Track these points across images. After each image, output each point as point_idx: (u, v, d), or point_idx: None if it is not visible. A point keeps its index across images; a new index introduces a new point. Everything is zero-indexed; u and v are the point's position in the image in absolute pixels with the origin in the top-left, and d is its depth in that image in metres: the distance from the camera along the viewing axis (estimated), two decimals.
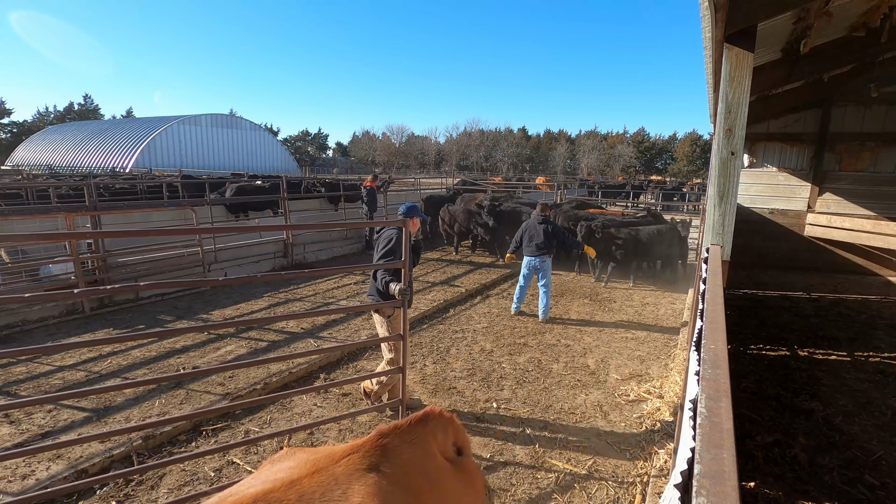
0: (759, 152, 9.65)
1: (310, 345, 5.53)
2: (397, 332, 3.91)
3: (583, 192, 26.47)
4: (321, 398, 4.39)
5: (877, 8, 4.93)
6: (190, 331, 2.88)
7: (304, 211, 12.52)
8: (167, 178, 19.31)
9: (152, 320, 6.31)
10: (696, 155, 63.25)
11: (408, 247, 3.36)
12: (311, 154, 75.31)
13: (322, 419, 4.00)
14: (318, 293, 7.77)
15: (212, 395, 4.29)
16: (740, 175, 3.78)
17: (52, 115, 61.79)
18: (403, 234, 3.37)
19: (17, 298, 1.97)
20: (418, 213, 4.19)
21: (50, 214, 8.01)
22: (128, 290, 4.27)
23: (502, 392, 4.57)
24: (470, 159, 73.67)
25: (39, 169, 36.56)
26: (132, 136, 41.26)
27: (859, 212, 8.88)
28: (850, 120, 8.88)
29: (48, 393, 4.27)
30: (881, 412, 4.21)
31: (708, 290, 2.44)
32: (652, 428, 3.98)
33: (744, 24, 2.93)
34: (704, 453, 1.09)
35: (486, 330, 6.28)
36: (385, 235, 4.06)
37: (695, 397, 1.41)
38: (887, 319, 6.75)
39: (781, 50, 5.72)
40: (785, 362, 5.26)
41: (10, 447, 3.48)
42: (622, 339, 6.10)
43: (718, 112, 3.18)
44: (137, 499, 3.03)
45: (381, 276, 3.82)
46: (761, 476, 3.30)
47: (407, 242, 3.36)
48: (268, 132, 53.60)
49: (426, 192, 16.03)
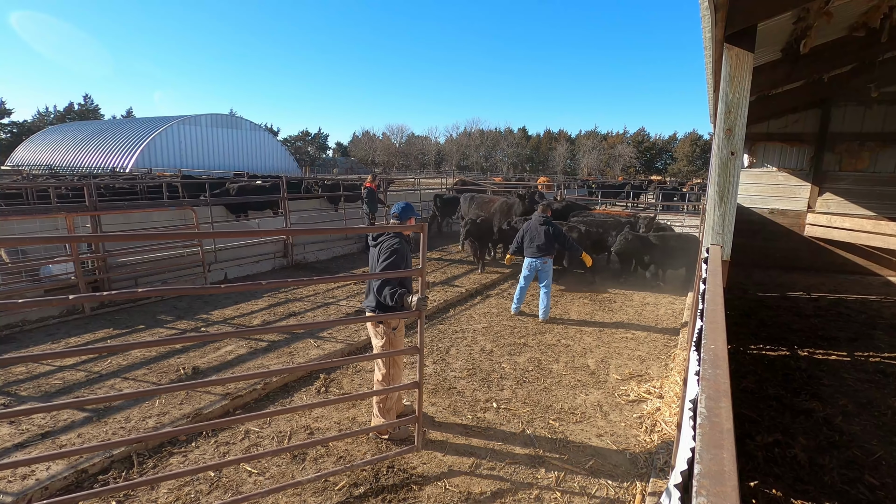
0: (759, 152, 9.65)
1: (309, 345, 5.53)
2: (397, 346, 3.72)
3: (583, 192, 26.47)
4: (321, 398, 4.39)
5: (877, 8, 4.93)
6: (191, 339, 2.89)
7: (305, 211, 12.52)
8: (167, 178, 19.33)
9: (152, 320, 6.31)
10: (696, 155, 63.29)
11: (424, 253, 3.03)
12: (311, 154, 75.38)
13: (322, 419, 4.01)
14: (318, 293, 7.77)
15: (212, 395, 4.29)
16: (740, 175, 3.77)
17: (52, 116, 61.84)
18: (422, 240, 3.02)
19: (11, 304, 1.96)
20: (413, 213, 3.90)
21: (50, 214, 8.02)
22: (123, 297, 4.25)
23: (502, 392, 4.57)
24: (470, 159, 73.68)
25: (39, 169, 36.58)
26: (132, 136, 41.29)
27: (859, 212, 8.88)
28: (850, 120, 8.88)
29: (48, 393, 4.27)
30: (881, 412, 4.21)
31: (708, 290, 2.43)
32: (652, 428, 3.98)
33: (744, 24, 2.93)
34: (704, 453, 1.09)
35: (486, 330, 6.27)
36: (387, 245, 3.59)
37: (695, 397, 1.41)
38: (887, 319, 6.75)
39: (781, 50, 5.72)
40: (785, 362, 5.26)
41: (10, 447, 3.48)
42: (622, 339, 6.10)
43: (718, 112, 3.18)
44: (137, 499, 3.03)
45: (388, 291, 3.40)
46: (761, 476, 3.30)
47: (424, 248, 3.03)
48: (268, 132, 53.63)
49: (434, 192, 16.00)
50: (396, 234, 3.64)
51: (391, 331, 3.66)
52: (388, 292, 3.39)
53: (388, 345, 3.67)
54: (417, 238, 3.62)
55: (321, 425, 3.92)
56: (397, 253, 3.54)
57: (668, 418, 4.07)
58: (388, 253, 3.53)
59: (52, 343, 5.42)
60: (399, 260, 3.54)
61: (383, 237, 3.65)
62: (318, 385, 4.60)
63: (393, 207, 3.82)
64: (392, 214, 3.81)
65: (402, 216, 3.76)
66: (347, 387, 4.60)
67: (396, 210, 3.80)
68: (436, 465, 3.46)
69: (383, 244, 3.61)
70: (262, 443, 3.66)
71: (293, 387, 4.58)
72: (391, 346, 3.68)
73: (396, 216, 3.79)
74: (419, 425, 3.43)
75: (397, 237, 3.61)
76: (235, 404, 4.19)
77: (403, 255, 3.59)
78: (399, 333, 3.76)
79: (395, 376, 3.75)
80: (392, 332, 3.67)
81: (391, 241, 3.59)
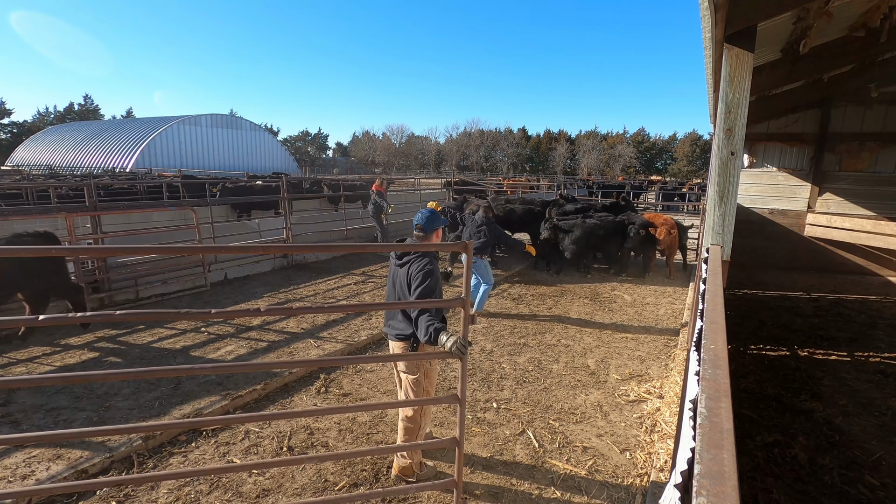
0: (759, 152, 9.64)
1: (309, 345, 5.53)
2: (431, 378, 3.21)
3: (582, 192, 26.49)
4: (321, 398, 4.39)
5: (877, 8, 4.93)
6: (199, 372, 2.89)
7: (305, 211, 12.53)
8: (167, 178, 19.34)
9: (152, 320, 6.31)
10: (696, 155, 63.30)
11: (469, 280, 2.35)
12: (311, 154, 75.41)
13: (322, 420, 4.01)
14: (318, 293, 7.77)
15: (212, 395, 4.29)
16: (740, 175, 3.78)
17: (52, 116, 61.82)
18: (465, 263, 2.31)
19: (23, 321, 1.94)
20: (441, 222, 3.24)
21: (50, 215, 8.02)
22: (110, 320, 4.24)
23: (502, 392, 4.57)
24: (470, 159, 73.67)
25: (39, 169, 36.59)
26: (132, 136, 41.28)
27: (859, 212, 8.88)
28: (850, 120, 8.87)
29: (47, 394, 4.27)
30: (881, 412, 4.21)
31: (708, 290, 2.44)
32: (652, 428, 3.98)
33: (744, 24, 2.93)
34: (704, 453, 1.09)
35: (486, 330, 6.27)
36: (418, 266, 2.99)
37: (695, 397, 1.41)
38: (887, 319, 6.75)
39: (781, 50, 5.71)
40: (785, 362, 5.26)
41: (10, 447, 3.48)
42: (622, 339, 6.10)
43: (718, 112, 3.18)
44: (137, 499, 3.03)
45: (424, 322, 2.80)
46: (761, 476, 3.30)
47: (469, 275, 2.33)
48: (268, 132, 53.60)
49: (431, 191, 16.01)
50: (431, 256, 3.09)
51: (427, 362, 3.17)
52: (425, 324, 2.79)
53: (423, 377, 3.13)
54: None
55: (321, 425, 3.92)
56: (432, 276, 2.97)
57: (668, 418, 4.07)
58: (422, 277, 2.95)
59: (53, 343, 5.42)
60: (434, 283, 2.99)
61: (411, 256, 3.07)
62: (318, 385, 4.60)
63: (416, 216, 3.24)
64: (415, 226, 3.22)
65: (427, 227, 3.18)
66: (347, 387, 4.60)
67: (420, 220, 3.19)
68: (435, 465, 3.46)
69: (412, 264, 3.03)
70: (263, 443, 3.66)
71: (293, 387, 4.58)
72: (427, 378, 3.16)
73: (420, 228, 3.18)
74: (458, 491, 2.65)
75: (427, 255, 3.05)
76: (235, 404, 4.19)
77: (437, 277, 3.07)
78: (434, 364, 3.27)
79: (427, 413, 3.32)
80: (429, 362, 3.20)
81: (422, 262, 3.01)
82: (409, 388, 3.16)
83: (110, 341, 5.56)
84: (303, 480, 3.25)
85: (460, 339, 2.48)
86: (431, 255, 3.10)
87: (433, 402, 3.21)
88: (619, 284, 8.85)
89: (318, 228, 11.76)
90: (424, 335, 2.78)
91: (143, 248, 2.01)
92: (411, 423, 3.18)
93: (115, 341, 5.57)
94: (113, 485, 2.98)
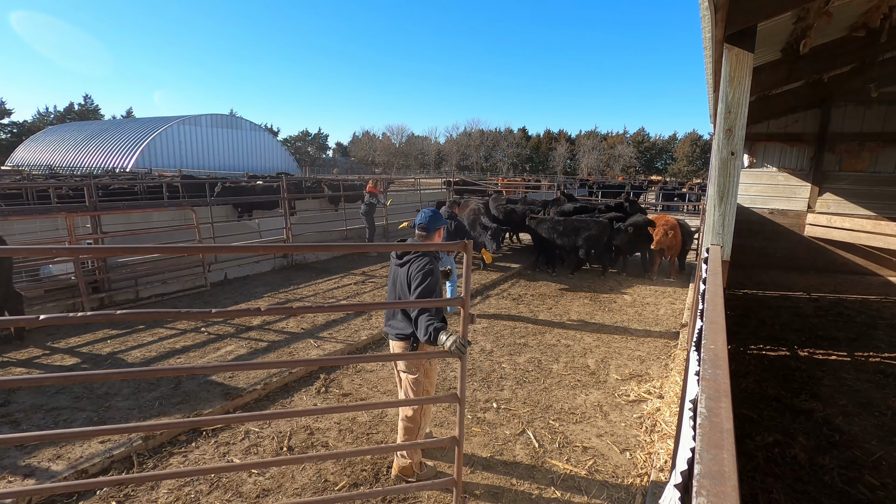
0: (759, 152, 9.65)
1: (309, 345, 5.53)
2: (431, 377, 3.23)
3: (582, 192, 26.48)
4: (321, 398, 4.39)
5: (877, 8, 4.93)
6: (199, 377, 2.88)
7: (305, 211, 12.53)
8: (167, 178, 19.34)
9: (152, 321, 6.31)
10: (696, 155, 63.30)
11: (468, 280, 2.40)
12: (311, 154, 75.43)
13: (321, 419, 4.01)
14: (318, 293, 7.77)
15: (212, 395, 4.29)
16: (740, 175, 3.78)
17: (52, 116, 61.82)
18: (465, 262, 2.35)
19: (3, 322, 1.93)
20: (442, 221, 3.29)
21: (50, 215, 8.02)
22: (110, 320, 4.22)
23: (502, 392, 4.57)
24: (470, 159, 73.69)
25: (39, 169, 36.59)
26: (132, 136, 41.27)
27: (859, 212, 8.88)
28: (850, 120, 8.87)
29: (47, 394, 4.27)
30: (881, 412, 4.21)
31: (708, 290, 2.44)
32: (652, 428, 3.98)
33: (744, 24, 2.94)
34: (704, 453, 1.09)
35: (486, 330, 6.27)
36: (418, 266, 2.99)
37: (695, 397, 1.41)
38: (887, 319, 6.75)
39: (781, 50, 5.71)
40: (785, 362, 5.26)
41: (9, 448, 3.48)
42: (622, 339, 6.10)
43: (718, 112, 3.18)
44: (137, 499, 3.03)
45: (424, 322, 2.81)
46: (761, 476, 3.30)
47: (468, 274, 2.38)
48: (268, 132, 53.60)
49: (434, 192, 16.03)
50: (431, 256, 3.10)
51: (427, 361, 3.22)
52: (425, 323, 2.80)
53: (423, 377, 3.14)
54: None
55: (321, 425, 3.92)
56: (431, 275, 2.98)
57: (668, 418, 4.07)
58: (421, 277, 2.95)
59: (53, 343, 5.42)
60: (434, 283, 3.00)
61: (411, 255, 3.08)
62: (319, 385, 4.60)
63: (418, 216, 3.24)
64: (417, 225, 3.22)
65: (430, 227, 3.19)
66: (347, 387, 4.60)
67: (422, 219, 3.19)
68: (435, 464, 3.46)
69: (412, 264, 3.02)
70: (263, 443, 3.66)
71: (293, 387, 4.58)
72: (426, 378, 3.18)
73: (423, 227, 3.19)
74: (458, 491, 2.69)
75: (427, 255, 3.06)
76: (235, 404, 4.19)
77: (437, 276, 3.08)
78: (434, 364, 3.31)
79: (426, 413, 3.34)
80: (428, 362, 3.23)
81: (422, 262, 3.01)
82: (409, 387, 3.18)
83: (110, 341, 5.56)
84: (303, 480, 3.25)
85: (460, 339, 2.50)
86: (431, 254, 3.10)
87: (433, 402, 3.24)
88: (620, 284, 8.85)
89: (318, 228, 11.78)
90: (424, 335, 2.79)
91: (143, 248, 2.01)
92: (411, 423, 3.20)
93: (116, 341, 5.57)
94: (113, 484, 2.99)
